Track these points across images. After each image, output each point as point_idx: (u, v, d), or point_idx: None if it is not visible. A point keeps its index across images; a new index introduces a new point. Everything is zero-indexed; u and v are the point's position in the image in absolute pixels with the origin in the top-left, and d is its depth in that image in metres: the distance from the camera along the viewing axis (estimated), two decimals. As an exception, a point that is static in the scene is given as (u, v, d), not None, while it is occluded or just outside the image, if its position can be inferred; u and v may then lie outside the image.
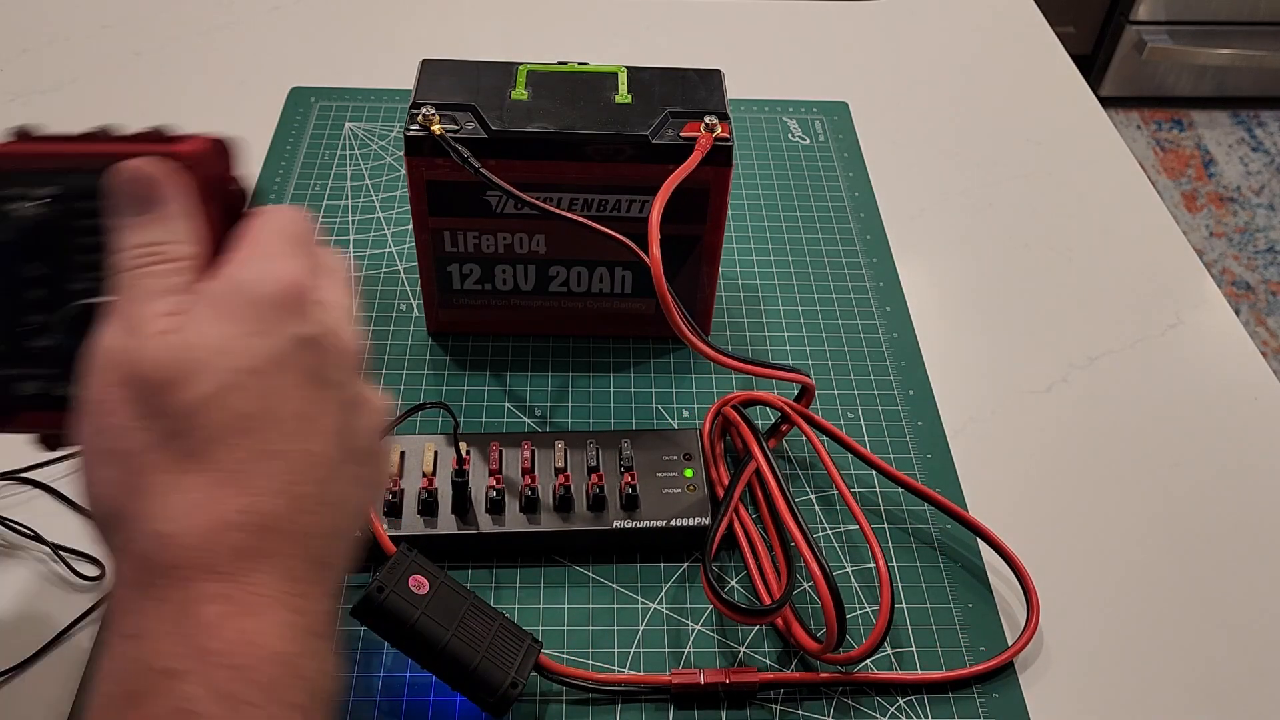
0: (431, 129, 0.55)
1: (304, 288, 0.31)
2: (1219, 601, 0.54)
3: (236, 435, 0.28)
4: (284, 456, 0.29)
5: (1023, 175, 0.81)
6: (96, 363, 0.30)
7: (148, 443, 0.28)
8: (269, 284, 0.30)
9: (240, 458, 0.28)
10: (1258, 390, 0.66)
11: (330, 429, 0.30)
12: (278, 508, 0.28)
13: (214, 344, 0.29)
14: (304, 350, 0.30)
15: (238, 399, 0.29)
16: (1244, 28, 2.08)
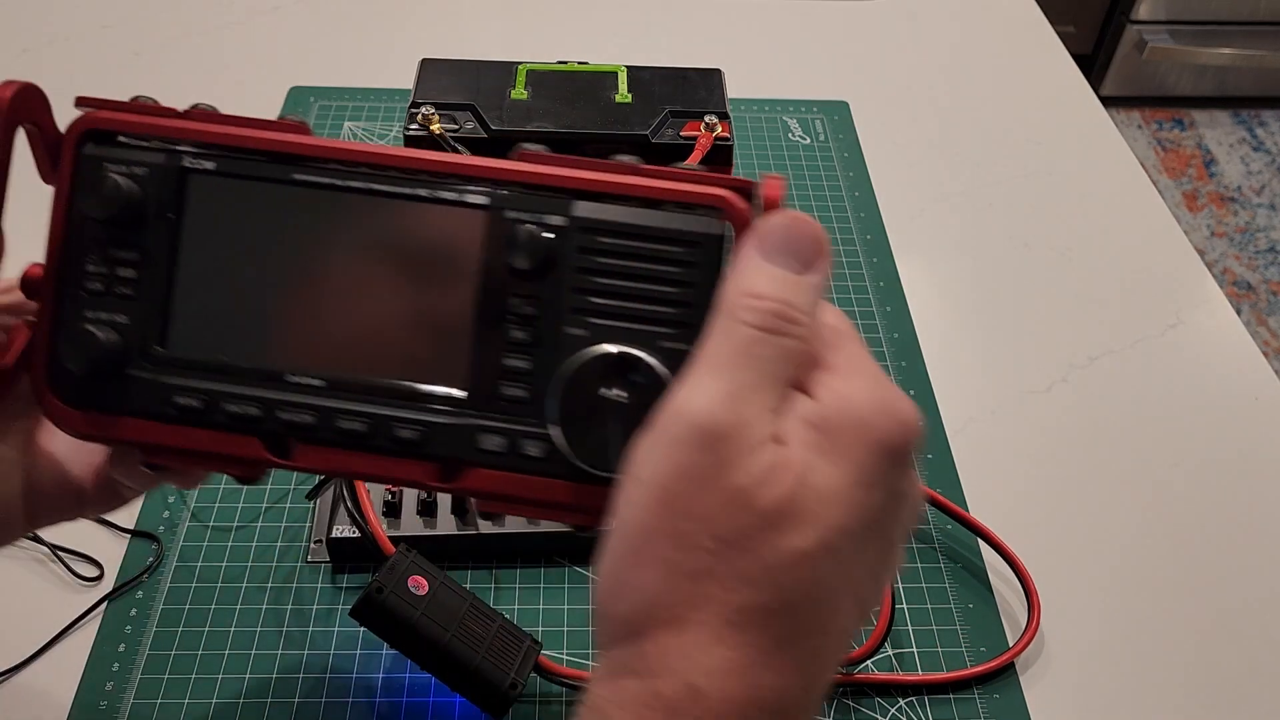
0: (431, 128, 0.55)
1: (919, 431, 0.26)
2: (1220, 602, 0.54)
3: (806, 606, 0.24)
4: (831, 638, 0.25)
5: (1023, 175, 0.80)
6: (686, 433, 0.24)
7: (717, 575, 0.24)
8: (894, 430, 0.25)
9: (795, 632, 0.24)
10: (1258, 390, 0.65)
11: (874, 600, 0.26)
12: (801, 698, 0.25)
13: (824, 490, 0.24)
14: (896, 507, 0.26)
15: (825, 566, 0.24)
16: (1245, 27, 2.08)
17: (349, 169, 0.30)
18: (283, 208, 0.30)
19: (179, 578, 0.52)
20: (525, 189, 0.30)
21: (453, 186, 0.30)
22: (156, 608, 0.51)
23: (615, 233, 0.29)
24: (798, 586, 0.24)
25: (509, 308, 0.30)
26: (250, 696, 0.48)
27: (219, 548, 0.53)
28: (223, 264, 0.31)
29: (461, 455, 0.30)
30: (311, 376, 0.30)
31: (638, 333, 0.29)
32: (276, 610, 0.51)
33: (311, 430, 0.30)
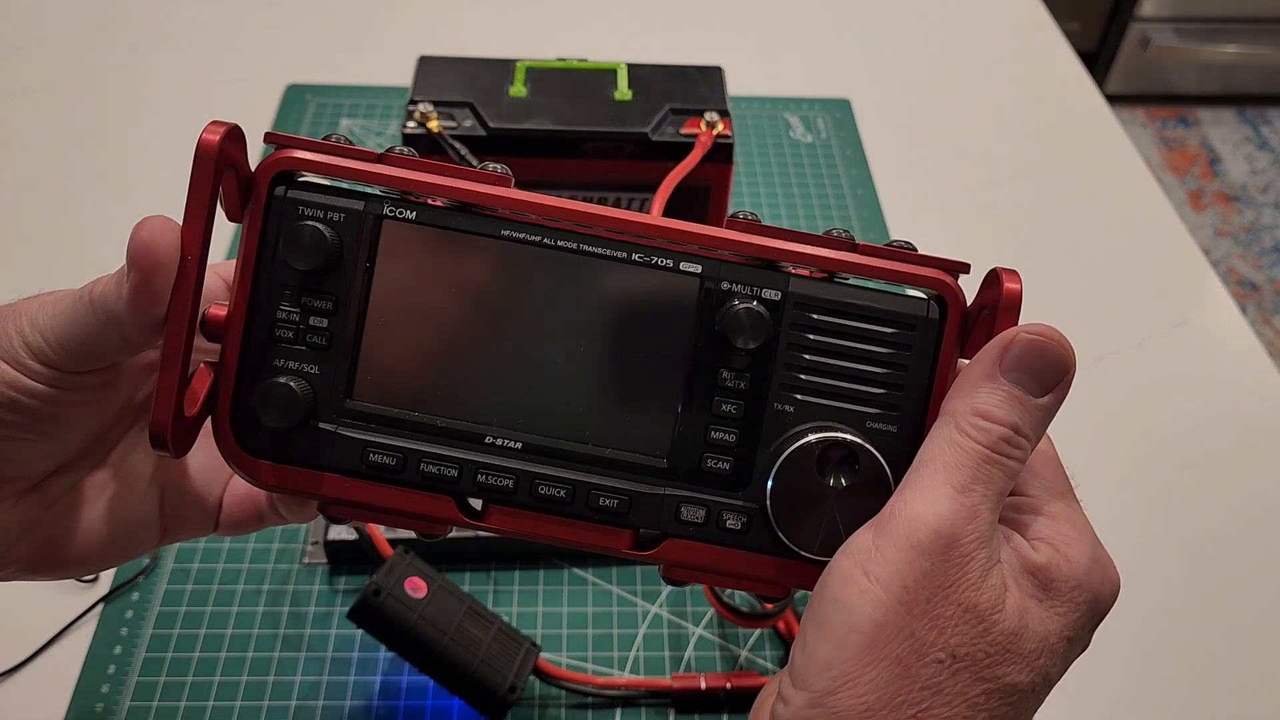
0: (429, 126, 0.54)
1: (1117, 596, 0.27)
2: (1223, 603, 0.54)
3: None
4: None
5: (1027, 173, 0.80)
6: (928, 543, 0.25)
7: (948, 692, 0.25)
8: (1108, 598, 0.27)
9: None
10: (1264, 389, 0.65)
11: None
12: None
13: (1042, 636, 0.26)
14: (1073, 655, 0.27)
15: (1029, 704, 0.26)
16: (1250, 25, 2.08)
17: (556, 225, 0.30)
18: (484, 262, 0.30)
19: (175, 580, 0.51)
20: (741, 261, 0.30)
21: (666, 252, 0.30)
22: (153, 610, 0.50)
23: (829, 310, 0.29)
24: (1005, 718, 0.25)
25: (719, 380, 0.30)
26: (247, 699, 0.47)
27: (215, 549, 0.53)
28: (419, 316, 0.30)
29: (661, 526, 0.30)
30: (511, 439, 0.30)
31: (845, 412, 0.29)
32: (273, 613, 0.50)
33: (509, 494, 0.30)
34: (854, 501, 0.28)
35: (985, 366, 0.27)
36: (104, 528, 0.33)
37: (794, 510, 0.29)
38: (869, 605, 0.25)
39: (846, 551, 0.26)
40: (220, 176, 0.28)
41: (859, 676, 0.25)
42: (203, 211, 0.28)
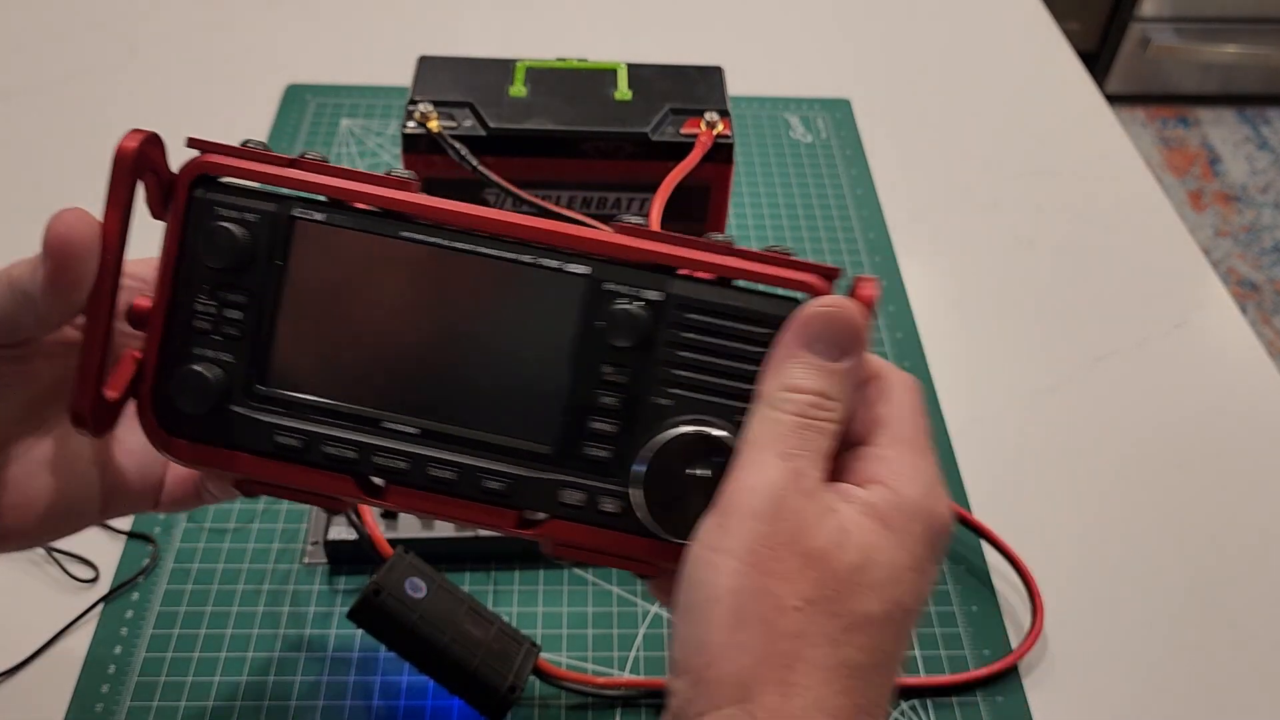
0: (429, 126, 0.54)
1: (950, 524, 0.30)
2: (1225, 604, 0.54)
3: (878, 669, 0.27)
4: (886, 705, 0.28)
5: (1027, 173, 0.80)
6: (762, 507, 0.27)
7: (810, 634, 0.26)
8: (941, 523, 0.29)
9: (877, 696, 0.27)
10: (1264, 390, 0.65)
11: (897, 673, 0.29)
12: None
13: (886, 567, 0.27)
14: (928, 591, 0.29)
15: (889, 633, 0.27)
16: (1250, 25, 2.08)
17: (453, 229, 0.32)
18: (387, 261, 0.32)
19: (175, 580, 0.52)
20: (625, 264, 0.31)
21: (555, 254, 0.31)
22: (153, 610, 0.50)
23: (706, 310, 0.31)
24: (870, 651, 0.27)
25: (601, 374, 0.31)
26: (247, 699, 0.47)
27: (215, 549, 0.53)
28: (325, 309, 0.32)
29: (542, 508, 0.32)
30: (406, 424, 0.32)
31: (719, 405, 0.31)
32: (273, 613, 0.50)
33: (404, 475, 0.32)
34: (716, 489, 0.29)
35: (786, 346, 0.29)
36: (44, 501, 0.34)
37: (663, 497, 0.31)
38: (723, 576, 0.27)
39: (697, 538, 0.28)
40: (136, 178, 0.31)
41: (729, 643, 0.26)
42: (120, 209, 0.31)
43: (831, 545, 0.27)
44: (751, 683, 0.26)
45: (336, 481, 0.32)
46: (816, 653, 0.26)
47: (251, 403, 0.32)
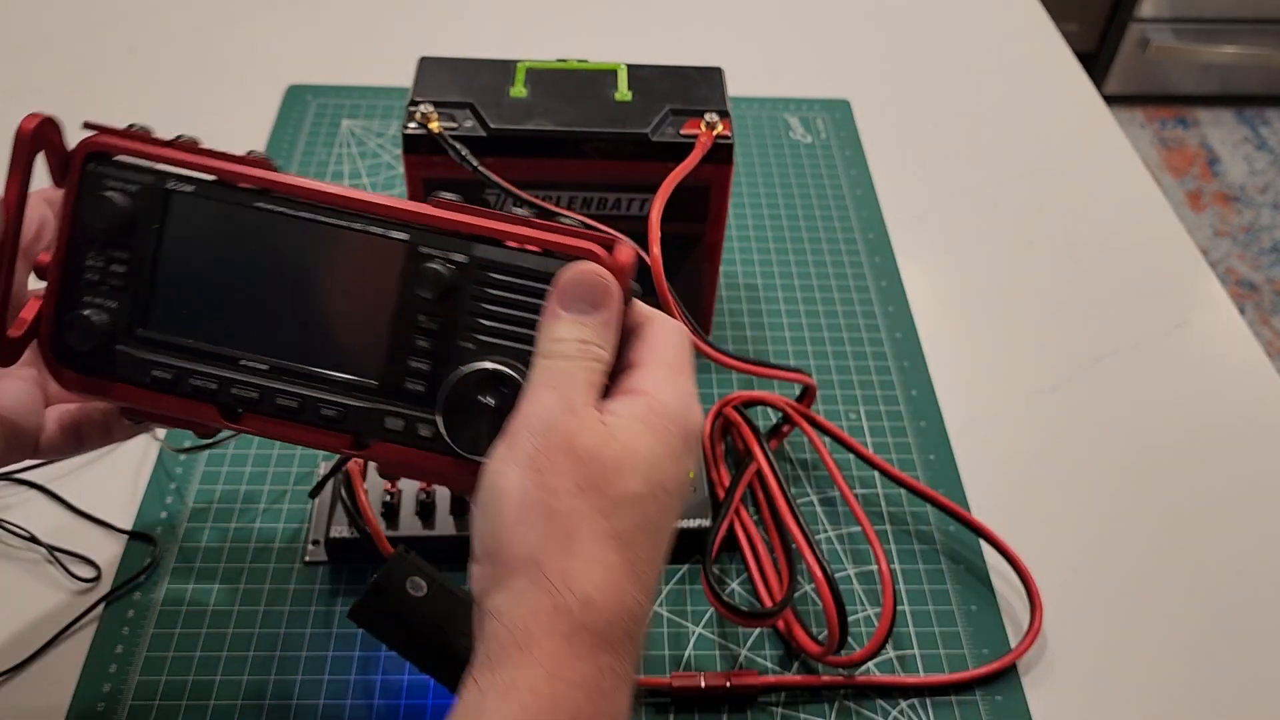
0: (430, 127, 0.55)
1: (702, 427, 0.35)
2: (1224, 603, 0.54)
3: (646, 535, 0.33)
4: (657, 565, 0.34)
5: (1026, 174, 0.80)
6: (541, 421, 0.33)
7: (584, 512, 0.32)
8: (693, 424, 0.35)
9: (646, 556, 0.33)
10: (1263, 390, 0.65)
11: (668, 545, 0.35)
12: (647, 601, 0.33)
13: (646, 455, 0.33)
14: (686, 481, 0.36)
15: (652, 507, 0.33)
16: (1249, 25, 2.08)
17: (304, 202, 0.38)
18: (244, 226, 0.38)
19: (176, 579, 0.52)
20: (438, 231, 0.38)
21: (385, 224, 0.38)
22: (153, 610, 0.50)
23: (501, 270, 0.37)
24: (642, 519, 0.33)
25: (417, 322, 0.38)
26: (248, 698, 0.47)
27: (216, 549, 0.53)
28: (195, 266, 0.39)
29: (370, 432, 0.38)
30: (259, 361, 0.39)
31: (512, 349, 0.37)
32: (274, 611, 0.51)
33: (256, 404, 0.39)
34: (504, 416, 0.35)
35: (550, 304, 0.36)
36: None
37: (461, 423, 0.37)
38: (510, 479, 0.33)
39: (491, 456, 0.34)
40: (33, 153, 0.37)
41: (517, 529, 0.32)
42: (19, 179, 0.37)
43: (598, 444, 0.33)
44: (539, 554, 0.31)
45: (202, 408, 0.39)
46: (590, 525, 0.32)
47: (133, 343, 0.39)
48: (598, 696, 0.31)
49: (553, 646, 0.31)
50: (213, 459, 0.57)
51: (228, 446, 0.58)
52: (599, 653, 0.31)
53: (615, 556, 0.32)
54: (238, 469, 0.57)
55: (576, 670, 0.31)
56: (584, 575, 0.31)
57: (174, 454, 0.57)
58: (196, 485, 0.56)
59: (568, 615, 0.31)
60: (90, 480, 0.56)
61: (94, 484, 0.56)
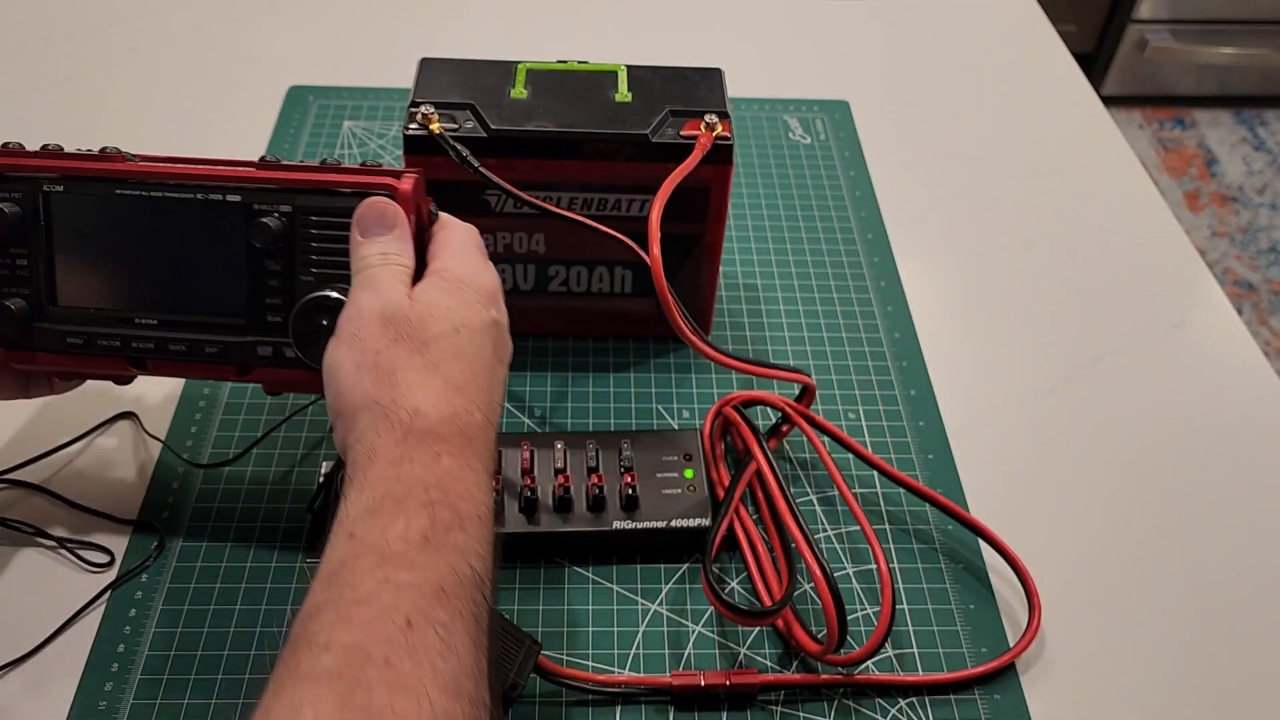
0: (430, 128, 0.55)
1: (499, 290, 0.45)
2: (1222, 603, 0.54)
3: (460, 361, 0.41)
4: (481, 383, 0.41)
5: (1024, 174, 0.80)
6: (358, 312, 0.41)
7: (400, 355, 0.40)
8: (484, 282, 0.44)
9: (462, 378, 0.41)
10: (1260, 390, 0.65)
11: (501, 373, 0.44)
12: (481, 414, 0.40)
13: (444, 306, 0.42)
14: (494, 328, 0.44)
15: (460, 339, 0.41)
16: (1247, 26, 2.08)
17: (153, 182, 0.46)
18: (113, 209, 0.46)
19: (178, 578, 0.52)
20: (265, 190, 0.46)
21: (221, 190, 0.46)
22: (155, 608, 0.51)
23: (320, 213, 0.45)
24: (452, 351, 0.41)
25: (264, 266, 0.46)
26: (249, 698, 0.48)
27: (219, 547, 0.53)
28: (83, 248, 0.47)
29: (248, 360, 0.48)
30: (149, 318, 0.48)
31: (343, 275, 0.45)
32: (276, 610, 0.51)
33: (154, 352, 0.48)
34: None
35: (353, 238, 0.44)
36: None
37: (310, 341, 0.46)
38: (340, 354, 0.41)
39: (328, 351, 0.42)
40: None
41: (355, 385, 0.40)
42: None
43: (404, 306, 0.41)
44: (373, 394, 0.39)
45: (114, 363, 0.49)
46: (408, 361, 0.40)
47: (47, 319, 0.48)
48: (434, 467, 0.37)
49: (392, 447, 0.38)
50: (214, 458, 0.57)
51: (228, 448, 0.58)
52: (433, 444, 0.38)
53: (434, 378, 0.40)
54: (239, 470, 0.57)
55: (412, 458, 0.37)
56: (410, 395, 0.39)
57: (175, 452, 0.57)
58: (199, 485, 0.56)
59: (401, 424, 0.38)
60: (89, 479, 0.56)
61: (92, 483, 0.56)
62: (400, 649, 0.31)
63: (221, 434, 0.58)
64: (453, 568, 0.35)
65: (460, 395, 0.40)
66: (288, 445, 0.58)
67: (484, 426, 0.40)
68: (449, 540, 0.35)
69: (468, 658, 0.33)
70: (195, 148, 0.76)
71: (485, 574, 0.36)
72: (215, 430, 0.58)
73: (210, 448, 0.58)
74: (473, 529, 0.36)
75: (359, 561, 0.34)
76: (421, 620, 0.32)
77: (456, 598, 0.34)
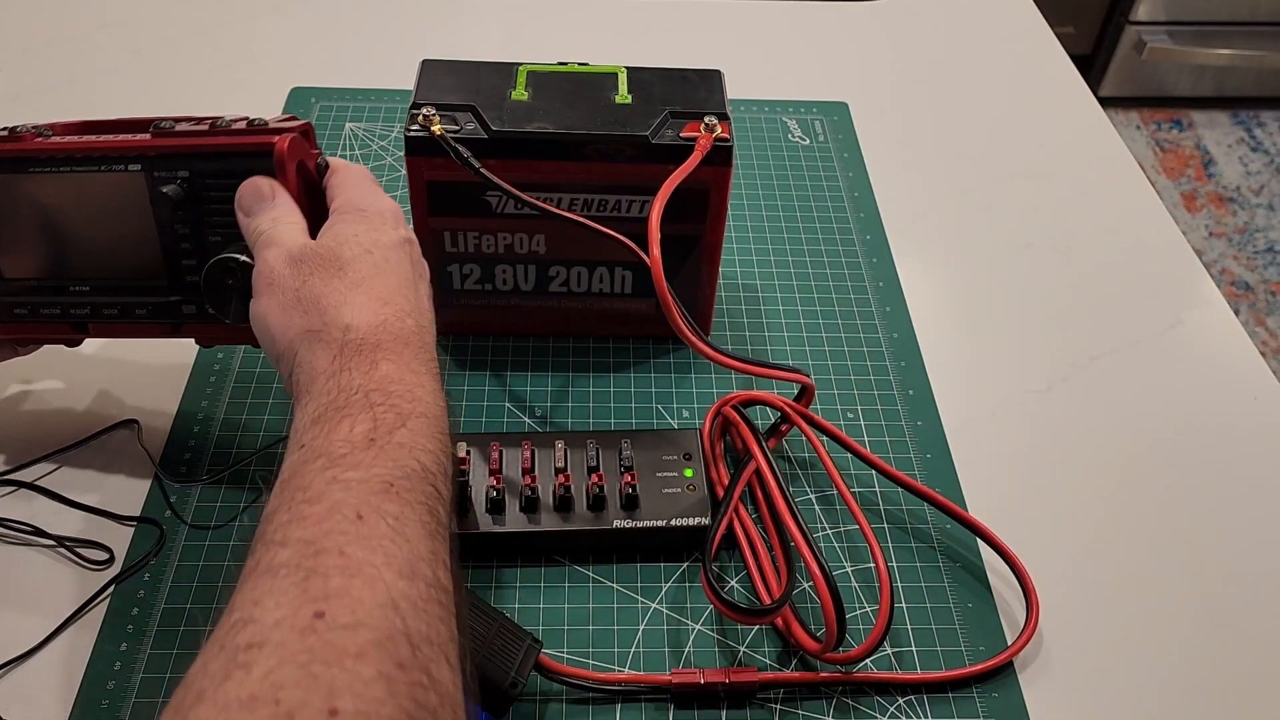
0: (432, 129, 0.55)
1: (400, 212, 0.48)
2: (1219, 601, 0.54)
3: (380, 277, 0.43)
4: (406, 294, 0.44)
5: (1022, 175, 0.81)
6: (267, 266, 0.44)
7: (319, 284, 0.42)
8: (384, 206, 0.47)
9: (385, 291, 0.43)
10: (1257, 390, 0.66)
11: (423, 287, 0.46)
12: (412, 320, 0.42)
13: (351, 233, 0.44)
14: (405, 243, 0.46)
15: (376, 258, 0.44)
16: (1244, 28, 2.08)
17: (61, 158, 0.48)
18: (31, 189, 0.49)
19: (180, 576, 0.52)
20: (163, 156, 0.48)
21: (122, 161, 0.48)
22: (159, 606, 0.51)
23: (216, 175, 0.48)
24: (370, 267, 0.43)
25: (175, 230, 0.49)
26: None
27: (220, 547, 0.53)
28: (14, 227, 0.50)
29: (176, 319, 0.51)
30: (82, 285, 0.51)
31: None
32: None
33: (91, 316, 0.52)
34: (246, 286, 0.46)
35: (240, 220, 0.47)
36: None
37: (220, 300, 0.48)
38: (264, 304, 0.43)
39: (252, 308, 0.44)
40: None
41: (286, 324, 0.42)
42: None
43: (309, 245, 0.44)
44: (305, 325, 0.41)
45: (57, 328, 0.53)
46: (328, 287, 0.42)
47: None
48: (372, 373, 0.39)
49: (329, 362, 0.40)
50: (215, 459, 0.57)
51: (230, 444, 0.58)
52: (368, 353, 0.40)
53: (358, 295, 0.42)
54: (242, 469, 0.57)
55: (350, 368, 0.39)
56: (338, 315, 0.41)
57: (176, 453, 0.57)
58: (200, 485, 0.56)
59: (335, 342, 0.40)
60: (88, 480, 0.56)
61: (92, 483, 0.56)
62: (352, 539, 0.32)
63: (218, 452, 0.59)
64: (399, 464, 0.36)
65: (387, 305, 0.42)
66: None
67: (417, 331, 0.42)
68: (393, 439, 0.36)
69: (421, 544, 0.34)
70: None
71: (435, 468, 0.37)
72: (212, 448, 0.59)
73: (207, 463, 0.58)
74: (416, 425, 0.38)
75: (308, 466, 0.35)
76: (371, 513, 0.33)
77: (406, 491, 0.35)
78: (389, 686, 0.28)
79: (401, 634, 0.30)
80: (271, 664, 0.27)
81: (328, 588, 0.30)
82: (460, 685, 0.32)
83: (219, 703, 0.26)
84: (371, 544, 0.32)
